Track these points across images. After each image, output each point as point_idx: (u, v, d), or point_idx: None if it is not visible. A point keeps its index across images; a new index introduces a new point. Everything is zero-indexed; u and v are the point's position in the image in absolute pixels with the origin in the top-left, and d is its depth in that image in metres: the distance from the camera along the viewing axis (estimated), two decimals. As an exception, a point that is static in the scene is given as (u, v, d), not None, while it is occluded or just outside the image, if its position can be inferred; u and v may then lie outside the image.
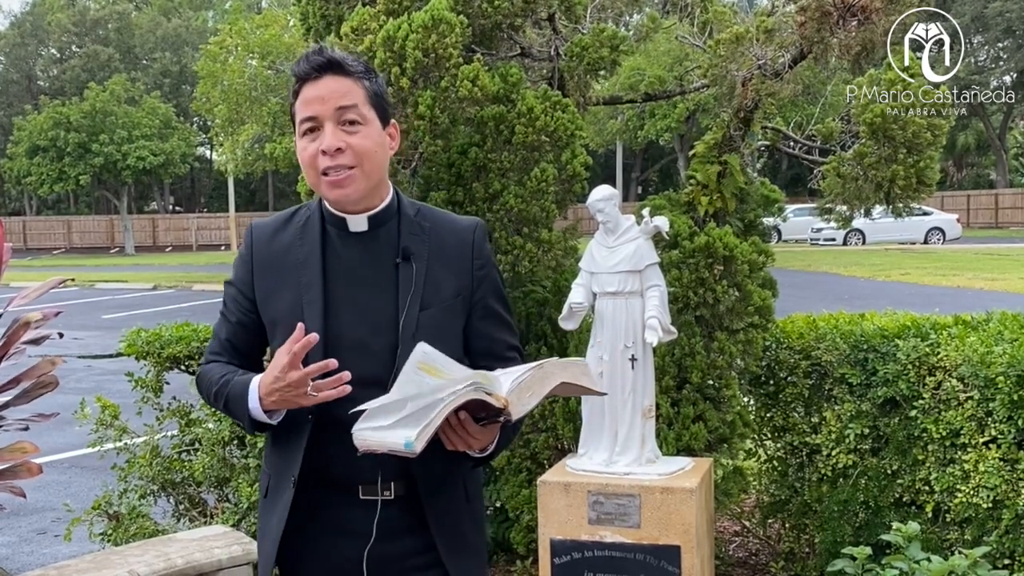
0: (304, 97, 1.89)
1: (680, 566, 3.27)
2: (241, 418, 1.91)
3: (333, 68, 1.87)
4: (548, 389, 1.77)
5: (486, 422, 1.76)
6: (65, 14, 49.77)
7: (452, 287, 1.96)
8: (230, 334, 2.03)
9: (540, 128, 3.93)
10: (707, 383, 3.96)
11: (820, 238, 29.43)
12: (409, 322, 1.89)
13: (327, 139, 1.86)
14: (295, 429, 1.91)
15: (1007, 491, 3.53)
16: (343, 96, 1.86)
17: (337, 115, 1.86)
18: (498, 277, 2.08)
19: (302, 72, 1.89)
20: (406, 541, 1.93)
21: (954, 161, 47.14)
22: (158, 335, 4.59)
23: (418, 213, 2.01)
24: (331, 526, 1.94)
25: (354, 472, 1.89)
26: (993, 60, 42.08)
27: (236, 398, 1.90)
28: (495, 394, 1.68)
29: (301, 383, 1.75)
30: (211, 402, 2.01)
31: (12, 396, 3.09)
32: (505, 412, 1.69)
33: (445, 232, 2.00)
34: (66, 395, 4.15)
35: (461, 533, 1.99)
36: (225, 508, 4.48)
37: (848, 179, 4.13)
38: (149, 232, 47.51)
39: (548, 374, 1.76)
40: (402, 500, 1.92)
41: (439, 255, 1.97)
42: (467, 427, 1.75)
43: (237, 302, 2.02)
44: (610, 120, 32.74)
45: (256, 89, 25.67)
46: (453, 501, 1.98)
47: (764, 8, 4.85)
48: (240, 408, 1.89)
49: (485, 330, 2.01)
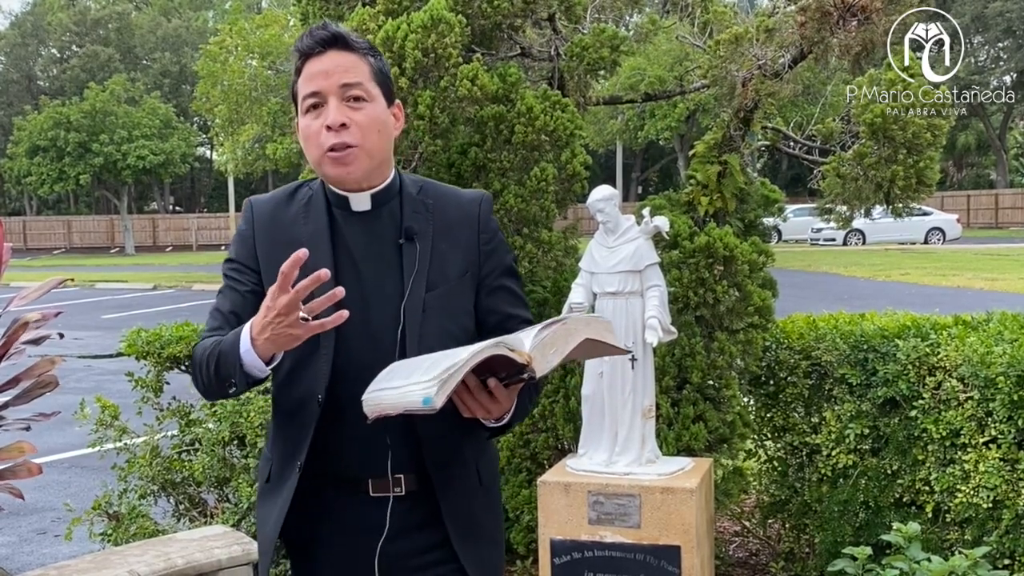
0: (308, 72, 1.83)
1: (680, 566, 3.27)
2: (232, 372, 1.73)
3: (338, 43, 1.82)
4: (572, 346, 1.67)
5: (508, 381, 1.68)
6: (65, 14, 49.80)
7: (459, 264, 1.91)
8: (235, 305, 1.90)
9: (540, 128, 3.93)
10: (707, 383, 3.96)
11: (820, 238, 29.43)
12: (414, 303, 1.85)
13: (331, 114, 1.80)
14: (304, 412, 1.84)
15: (1007, 491, 3.53)
16: (348, 71, 1.82)
17: (342, 91, 1.81)
18: (507, 251, 2.02)
19: (306, 47, 1.83)
20: (420, 536, 1.89)
21: (954, 161, 47.15)
22: (158, 335, 4.59)
23: (421, 191, 1.96)
24: (342, 524, 1.89)
25: (364, 466, 1.84)
26: (993, 60, 42.09)
27: (227, 349, 1.74)
28: (518, 350, 1.60)
29: (292, 306, 1.60)
30: (204, 373, 1.82)
31: (12, 396, 3.09)
32: (529, 368, 1.60)
33: (450, 208, 1.95)
34: (66, 395, 4.15)
35: (475, 521, 1.93)
36: (225, 508, 4.48)
37: (848, 179, 4.13)
38: (149, 232, 47.53)
39: (572, 331, 1.67)
40: (414, 495, 1.87)
41: (444, 232, 1.92)
42: (495, 391, 1.66)
43: (242, 273, 1.92)
44: (610, 120, 32.77)
45: (256, 89, 25.71)
46: (467, 488, 1.92)
47: (764, 8, 4.85)
48: (231, 358, 1.72)
49: (496, 306, 1.95)
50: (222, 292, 1.95)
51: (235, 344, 1.72)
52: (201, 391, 1.90)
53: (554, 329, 1.64)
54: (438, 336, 1.84)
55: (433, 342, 1.81)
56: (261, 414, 4.28)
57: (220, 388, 1.80)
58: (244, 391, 1.81)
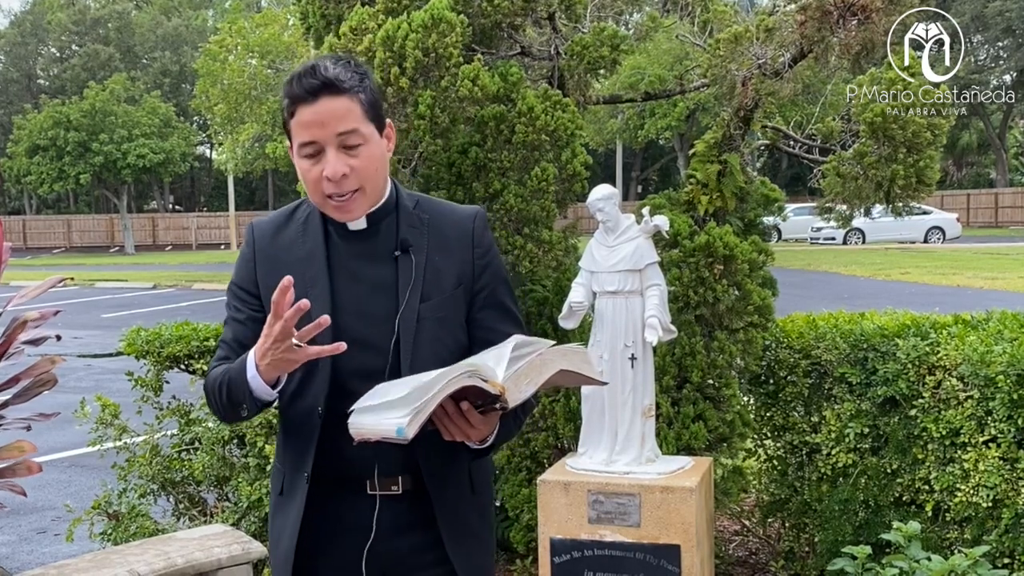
0: (301, 120, 1.85)
1: (680, 565, 3.27)
2: (243, 397, 1.84)
3: (328, 89, 1.83)
4: (546, 377, 1.72)
5: (484, 409, 1.72)
6: (65, 13, 49.77)
7: (453, 277, 1.95)
8: (237, 333, 1.99)
9: (540, 127, 3.93)
10: (707, 382, 3.96)
11: (820, 237, 29.42)
12: (408, 315, 1.89)
13: (331, 166, 1.83)
14: (306, 425, 1.91)
15: (1007, 490, 3.53)
16: (342, 119, 1.83)
17: (338, 140, 1.84)
18: (501, 267, 2.06)
19: (296, 95, 1.84)
20: (414, 537, 1.93)
21: (954, 160, 47.14)
22: (158, 334, 4.59)
23: (417, 205, 2.00)
24: (341, 522, 1.94)
25: (363, 467, 1.90)
26: (993, 60, 42.07)
27: (235, 376, 1.85)
28: (491, 380, 1.64)
29: (286, 333, 1.69)
30: (218, 401, 1.93)
31: (11, 395, 3.09)
32: (502, 399, 1.64)
33: (445, 223, 1.99)
34: (66, 394, 4.16)
35: (467, 526, 1.98)
36: (225, 507, 4.48)
37: (848, 178, 4.13)
38: (149, 231, 47.50)
39: (547, 361, 1.71)
40: (410, 495, 1.92)
41: (439, 246, 1.96)
42: (469, 416, 1.72)
43: (243, 301, 2.00)
44: (610, 119, 32.76)
45: (256, 88, 25.70)
46: (459, 494, 1.98)
47: (764, 7, 4.85)
48: (240, 384, 1.83)
49: (486, 321, 1.99)
50: (227, 322, 2.04)
51: (242, 371, 1.82)
52: (219, 417, 2.03)
53: (529, 360, 1.68)
54: (432, 348, 1.90)
55: (427, 353, 1.87)
56: (261, 414, 4.27)
57: (234, 413, 1.91)
58: (256, 414, 1.92)
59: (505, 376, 1.64)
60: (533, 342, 1.71)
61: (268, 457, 4.19)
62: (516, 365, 1.66)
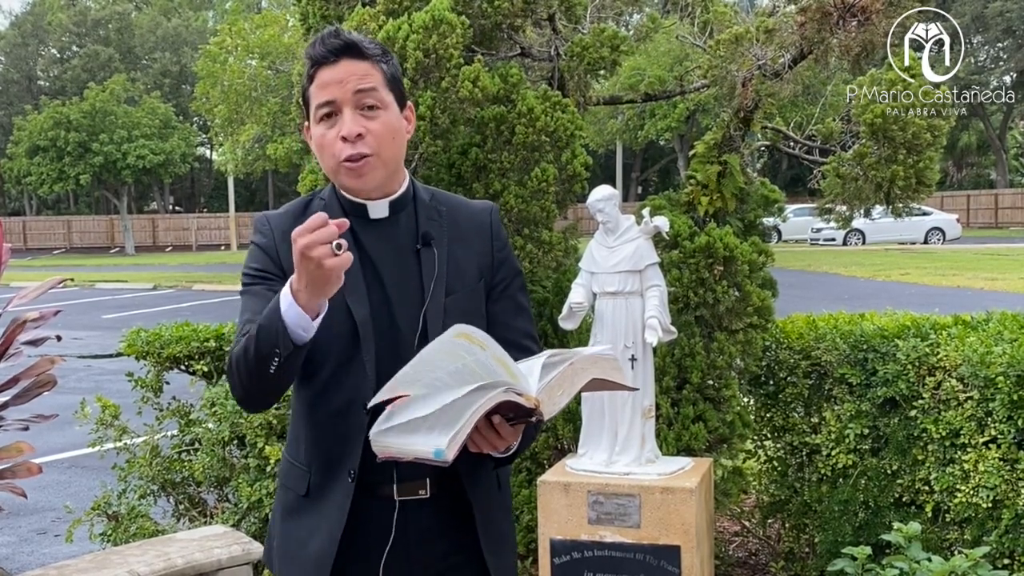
0: (321, 80, 1.80)
1: (680, 566, 3.27)
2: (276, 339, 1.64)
3: (350, 51, 1.80)
4: (579, 386, 1.69)
5: (515, 422, 1.68)
6: (65, 14, 49.82)
7: (475, 270, 1.92)
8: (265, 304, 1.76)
9: (540, 128, 3.93)
10: (707, 383, 3.96)
11: (820, 238, 29.42)
12: (435, 308, 1.85)
13: (347, 125, 1.79)
14: (348, 419, 1.82)
15: (1007, 491, 3.53)
16: (362, 79, 1.80)
17: (356, 99, 1.79)
18: (516, 261, 2.03)
19: (318, 55, 1.81)
20: (443, 542, 1.89)
21: (954, 161, 47.16)
22: (158, 335, 4.59)
23: (433, 198, 1.97)
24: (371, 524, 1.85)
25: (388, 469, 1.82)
26: (993, 60, 42.09)
27: (265, 322, 1.66)
28: (526, 394, 1.61)
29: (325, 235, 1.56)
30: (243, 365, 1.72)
31: (11, 396, 3.09)
32: (537, 412, 1.61)
33: (461, 216, 1.96)
34: (66, 395, 4.16)
35: (496, 524, 1.96)
36: (225, 508, 4.48)
37: (848, 179, 4.13)
38: (149, 232, 47.52)
39: (579, 371, 1.68)
40: (436, 498, 1.86)
41: (458, 238, 1.93)
42: (500, 429, 1.66)
43: (267, 280, 1.85)
44: (610, 120, 32.76)
45: (256, 89, 25.70)
46: (488, 494, 1.95)
47: (764, 8, 4.85)
48: (272, 325, 1.64)
49: (501, 316, 1.95)
50: (250, 296, 1.87)
51: (274, 310, 1.65)
52: (240, 396, 1.82)
53: (561, 371, 1.64)
54: None
55: None
56: (261, 414, 4.27)
57: (260, 373, 1.69)
58: (287, 368, 1.68)
59: (539, 388, 1.61)
60: (564, 352, 1.68)
61: (268, 458, 4.19)
62: (548, 376, 1.63)
